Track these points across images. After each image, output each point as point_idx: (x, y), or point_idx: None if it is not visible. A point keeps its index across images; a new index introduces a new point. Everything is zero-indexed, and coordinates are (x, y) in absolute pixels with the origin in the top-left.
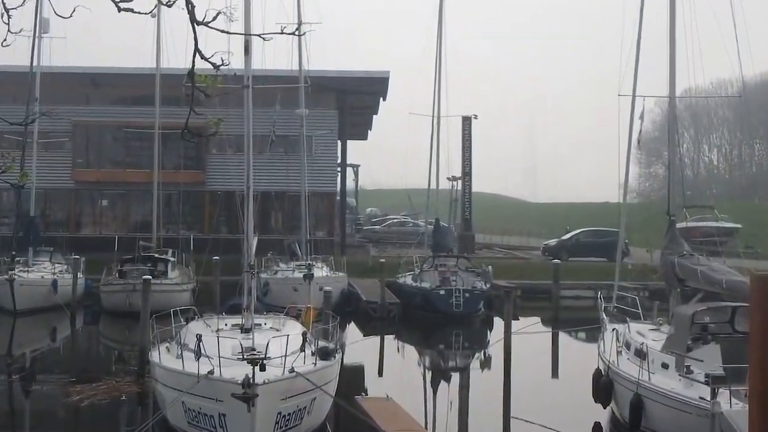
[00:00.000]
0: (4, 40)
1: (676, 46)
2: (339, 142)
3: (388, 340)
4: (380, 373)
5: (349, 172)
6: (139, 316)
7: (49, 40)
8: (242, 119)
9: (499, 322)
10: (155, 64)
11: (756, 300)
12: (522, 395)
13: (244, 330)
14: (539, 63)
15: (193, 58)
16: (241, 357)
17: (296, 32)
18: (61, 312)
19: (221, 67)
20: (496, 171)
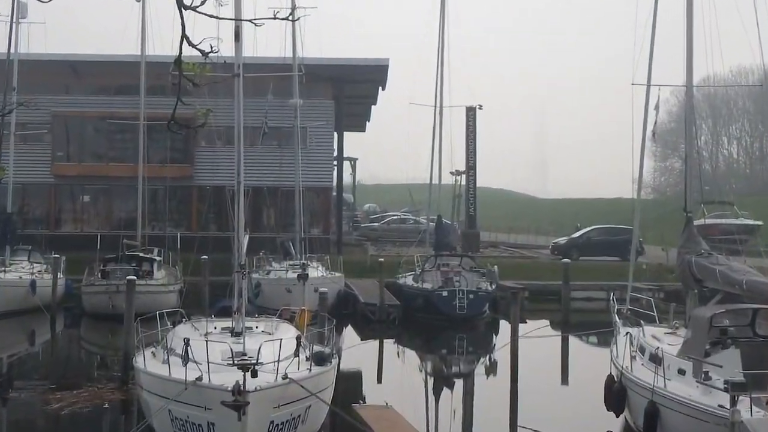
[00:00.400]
0: None
1: (694, 31)
2: (335, 134)
3: (388, 344)
4: (379, 380)
5: (346, 165)
6: (122, 319)
7: (27, 26)
8: (232, 110)
9: (505, 326)
10: (140, 52)
11: None
12: (530, 403)
13: (235, 334)
14: (548, 50)
15: (180, 44)
16: (231, 362)
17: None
18: (40, 314)
19: (210, 55)
20: (502, 165)
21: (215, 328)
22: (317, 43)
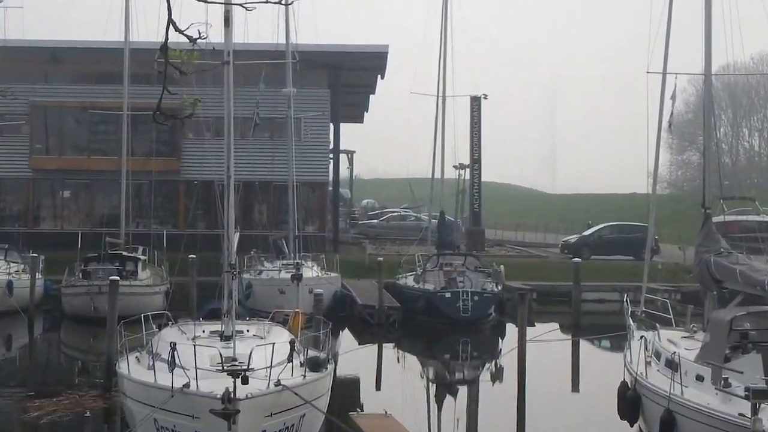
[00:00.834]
0: None
1: (713, 15)
2: (331, 126)
3: (387, 349)
4: (378, 387)
5: (343, 159)
6: (105, 322)
7: (4, 11)
8: (222, 99)
9: (512, 329)
10: (123, 38)
11: None
12: (538, 411)
13: (224, 338)
14: (557, 37)
15: (167, 30)
16: (221, 368)
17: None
18: (17, 317)
19: (198, 41)
20: (508, 158)
21: (203, 332)
22: (312, 28)
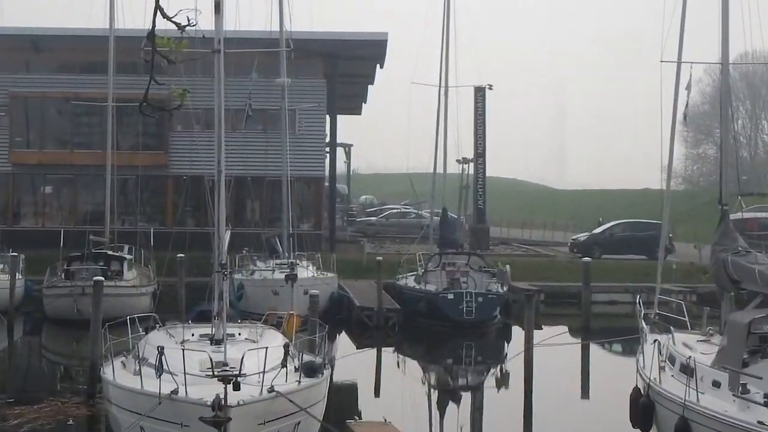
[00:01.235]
0: None
1: (729, 1)
2: (327, 117)
3: (386, 353)
4: (377, 393)
5: (340, 152)
6: (88, 325)
7: None
8: (212, 90)
9: (518, 332)
10: (108, 25)
11: None
12: (546, 419)
13: (215, 341)
14: (566, 24)
15: (154, 17)
16: (211, 374)
17: None
18: None
19: (187, 29)
20: (515, 151)
21: (193, 335)
22: (308, 15)
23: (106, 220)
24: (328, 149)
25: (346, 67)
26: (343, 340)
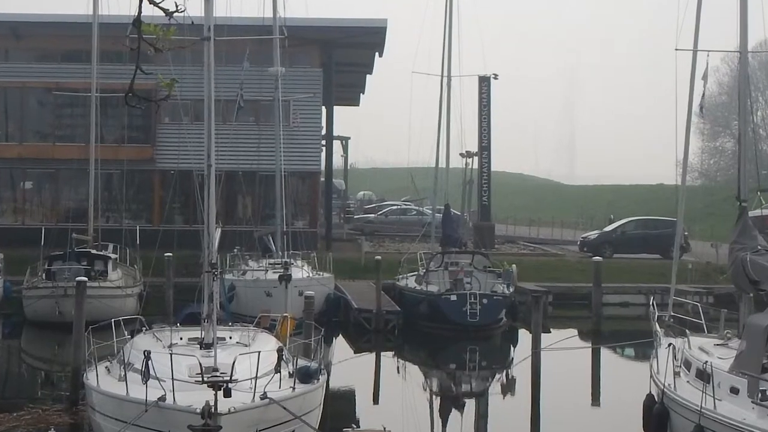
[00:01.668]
0: None
1: None
2: (324, 109)
3: (386, 358)
4: (375, 400)
5: (337, 146)
6: (71, 328)
7: None
8: (201, 80)
9: (525, 336)
10: (92, 11)
11: None
12: (554, 427)
13: (204, 345)
14: (576, 9)
15: (140, 2)
16: (201, 380)
17: None
18: None
19: (175, 15)
20: (521, 145)
21: (181, 339)
22: (302, 1)
23: (89, 217)
24: (324, 142)
25: (343, 56)
26: (340, 344)
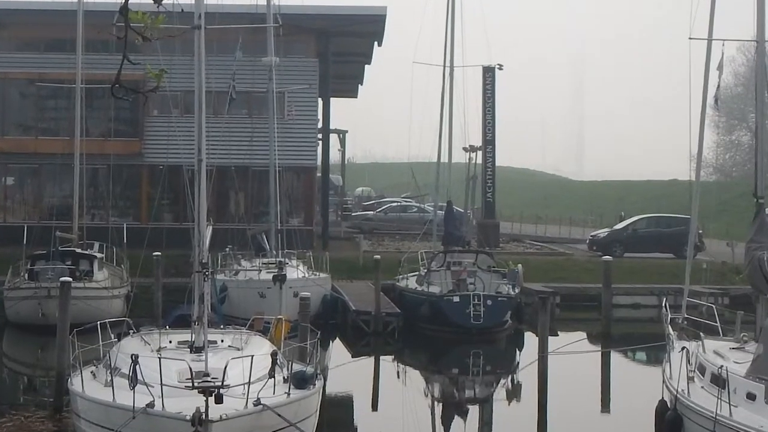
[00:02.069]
0: None
1: None
2: (320, 101)
3: (385, 362)
4: (374, 407)
5: (334, 139)
6: (54, 331)
7: None
8: (192, 70)
9: (531, 339)
10: None
11: None
12: None
13: (195, 349)
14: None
15: None
16: (191, 385)
17: None
18: None
19: (164, 2)
20: (528, 139)
21: (170, 343)
22: None
23: (74, 215)
24: (320, 136)
25: (340, 45)
26: (337, 347)
